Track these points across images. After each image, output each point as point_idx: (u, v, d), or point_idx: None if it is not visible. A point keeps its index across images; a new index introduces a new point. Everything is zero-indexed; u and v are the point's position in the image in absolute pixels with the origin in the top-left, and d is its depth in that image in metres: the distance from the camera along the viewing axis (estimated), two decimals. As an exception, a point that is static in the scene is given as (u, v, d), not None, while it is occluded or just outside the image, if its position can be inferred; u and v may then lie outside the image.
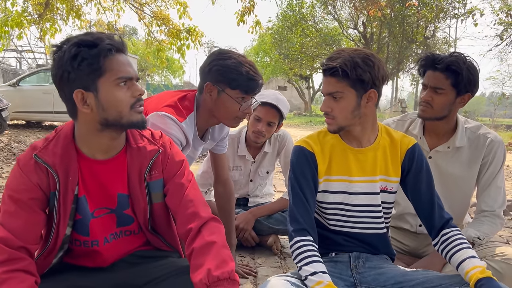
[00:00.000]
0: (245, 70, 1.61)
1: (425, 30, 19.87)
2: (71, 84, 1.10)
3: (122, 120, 1.15)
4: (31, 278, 1.08)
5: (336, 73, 1.31)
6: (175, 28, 8.04)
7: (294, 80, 30.83)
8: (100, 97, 1.12)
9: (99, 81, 1.11)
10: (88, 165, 1.21)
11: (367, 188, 1.44)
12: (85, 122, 1.16)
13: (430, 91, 1.70)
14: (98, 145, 1.21)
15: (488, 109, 42.37)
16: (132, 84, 1.16)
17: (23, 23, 6.74)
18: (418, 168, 1.45)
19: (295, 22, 23.71)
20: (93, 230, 1.26)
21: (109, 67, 1.11)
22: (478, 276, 1.20)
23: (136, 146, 1.26)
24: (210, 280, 1.09)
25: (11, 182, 1.16)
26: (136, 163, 1.26)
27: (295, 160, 1.44)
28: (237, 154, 2.47)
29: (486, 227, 1.72)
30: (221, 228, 1.25)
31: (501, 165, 1.78)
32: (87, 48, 1.09)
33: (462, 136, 1.78)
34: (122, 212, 1.30)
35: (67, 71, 1.09)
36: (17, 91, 9.42)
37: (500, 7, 10.70)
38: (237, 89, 1.61)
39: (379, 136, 1.47)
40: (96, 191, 1.24)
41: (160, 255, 1.40)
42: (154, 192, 1.30)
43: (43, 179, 1.16)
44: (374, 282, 1.37)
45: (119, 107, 1.14)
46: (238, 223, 2.33)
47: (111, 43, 1.12)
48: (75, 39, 1.10)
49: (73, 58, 1.08)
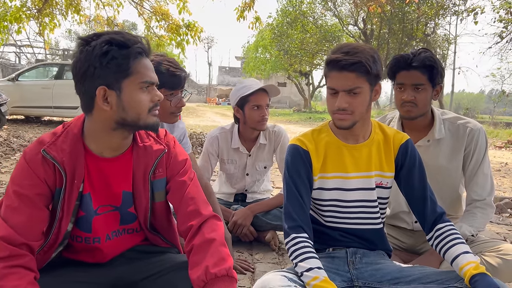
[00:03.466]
0: (165, 68, 1.75)
1: (425, 27, 19.83)
2: (95, 79, 1.10)
3: (139, 122, 1.17)
4: (31, 274, 1.08)
5: (358, 68, 1.30)
6: (174, 24, 8.02)
7: (293, 76, 30.79)
8: (123, 97, 1.13)
9: (124, 81, 1.12)
10: (95, 162, 1.22)
11: (363, 184, 1.45)
12: (101, 119, 1.17)
13: (411, 90, 1.73)
14: (108, 143, 1.21)
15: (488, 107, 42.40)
16: (153, 89, 1.19)
17: (22, 18, 6.72)
18: (411, 163, 1.47)
19: (295, 18, 23.65)
20: (96, 227, 1.26)
21: (136, 70, 1.13)
22: (472, 272, 1.22)
23: (143, 145, 1.28)
24: (208, 277, 1.11)
25: (17, 176, 1.15)
26: (142, 161, 1.27)
27: (290, 159, 1.44)
28: (231, 147, 2.48)
29: (480, 220, 1.74)
30: (220, 226, 1.27)
31: (484, 152, 1.79)
32: (117, 47, 1.10)
33: (440, 128, 1.80)
34: (126, 210, 1.30)
35: (94, 67, 1.09)
36: (16, 86, 9.41)
37: (501, 4, 10.67)
38: (163, 88, 1.66)
39: (373, 132, 1.48)
40: (101, 189, 1.24)
41: (158, 250, 1.40)
42: (157, 191, 1.32)
43: (50, 175, 1.16)
44: (371, 278, 1.38)
45: (139, 109, 1.16)
46: (237, 219, 2.34)
47: (141, 47, 1.14)
48: (106, 36, 1.11)
49: (103, 55, 1.08)
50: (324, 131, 1.49)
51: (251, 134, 2.45)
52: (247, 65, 33.02)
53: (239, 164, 2.52)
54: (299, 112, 27.09)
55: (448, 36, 21.16)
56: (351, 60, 1.29)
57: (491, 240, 1.71)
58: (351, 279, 1.39)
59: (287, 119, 19.67)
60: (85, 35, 1.14)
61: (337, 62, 1.31)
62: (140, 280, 1.31)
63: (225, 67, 51.92)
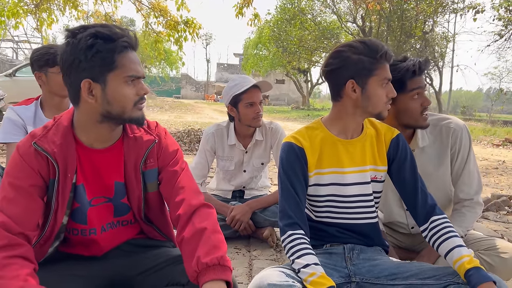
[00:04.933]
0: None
1: (423, 25, 19.82)
2: (80, 72, 1.11)
3: (124, 115, 1.18)
4: (30, 265, 1.09)
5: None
6: (173, 20, 7.99)
7: (292, 73, 30.76)
8: (107, 91, 1.13)
9: (109, 75, 1.12)
10: (86, 153, 1.23)
11: (359, 178, 1.46)
12: (87, 112, 1.18)
13: (424, 95, 1.67)
14: (96, 135, 1.23)
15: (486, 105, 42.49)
16: (139, 82, 1.18)
17: (19, 13, 6.67)
18: (403, 157, 1.48)
19: (293, 15, 23.61)
20: (91, 218, 1.27)
21: (121, 64, 1.13)
22: (466, 266, 1.22)
23: (133, 136, 1.28)
24: (200, 267, 1.09)
25: (11, 169, 1.16)
26: (133, 152, 1.28)
27: (285, 156, 1.44)
28: (227, 144, 2.48)
29: (469, 219, 1.72)
30: (212, 213, 1.25)
31: (468, 149, 1.76)
32: (103, 41, 1.10)
33: (423, 135, 1.76)
34: (119, 201, 1.31)
35: (79, 59, 1.09)
36: (13, 81, 9.36)
37: (500, 2, 10.68)
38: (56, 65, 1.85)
39: (365, 127, 1.50)
40: (94, 180, 1.25)
41: (154, 244, 1.41)
42: (149, 182, 1.32)
43: (44, 166, 1.17)
44: (369, 274, 1.38)
45: (124, 103, 1.16)
46: (235, 214, 2.35)
47: (127, 40, 1.14)
48: (92, 29, 1.11)
49: (88, 48, 1.08)
50: (317, 127, 1.50)
51: (247, 130, 2.45)
52: (246, 62, 33.02)
53: (235, 161, 2.52)
54: (297, 110, 27.09)
55: (447, 34, 21.17)
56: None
57: (488, 238, 1.71)
58: (348, 275, 1.39)
59: (285, 116, 19.66)
60: (72, 28, 1.14)
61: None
62: (137, 275, 1.31)
63: (223, 64, 51.78)
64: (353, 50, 1.37)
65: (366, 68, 1.36)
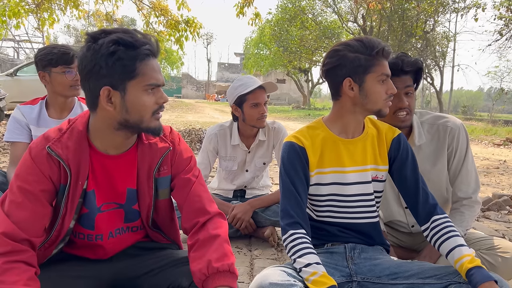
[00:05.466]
0: (57, 49, 2.08)
1: (424, 24, 19.80)
2: (100, 79, 1.09)
3: (142, 124, 1.16)
4: (31, 269, 1.08)
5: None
6: (173, 19, 7.99)
7: (293, 73, 30.74)
8: (127, 99, 1.11)
9: (130, 83, 1.10)
10: (100, 159, 1.22)
11: (360, 178, 1.46)
12: (104, 118, 1.16)
13: (405, 97, 1.66)
14: (111, 141, 1.21)
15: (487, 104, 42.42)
16: (158, 91, 1.16)
17: (21, 13, 6.68)
18: (404, 156, 1.49)
19: (294, 15, 23.59)
20: (99, 224, 1.26)
21: (142, 72, 1.10)
22: (467, 266, 1.23)
23: (148, 143, 1.27)
24: (210, 271, 1.11)
25: (22, 172, 1.14)
26: (147, 159, 1.26)
27: (286, 156, 1.45)
28: (230, 144, 2.48)
29: (468, 218, 1.72)
30: (225, 224, 1.27)
31: (466, 148, 1.76)
32: (125, 48, 1.07)
33: (420, 133, 1.76)
34: (131, 208, 1.30)
35: (99, 66, 1.07)
36: (14, 81, 9.37)
37: (501, 1, 10.66)
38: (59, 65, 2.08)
39: (367, 126, 1.51)
40: (105, 186, 1.24)
41: (159, 246, 1.41)
42: (162, 189, 1.31)
43: (55, 171, 1.15)
44: (370, 273, 1.39)
45: (143, 111, 1.13)
46: (236, 213, 2.35)
47: (149, 48, 1.11)
48: (114, 35, 1.08)
49: (110, 55, 1.06)
50: (318, 127, 1.51)
51: (251, 131, 2.45)
52: (247, 61, 33.00)
53: (238, 161, 2.52)
54: (298, 109, 27.07)
55: (448, 34, 21.16)
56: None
57: (489, 238, 1.71)
58: (350, 274, 1.40)
59: (286, 116, 19.65)
60: (93, 32, 1.11)
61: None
62: (140, 275, 1.31)
63: (224, 63, 51.80)
64: (349, 48, 1.37)
65: (362, 66, 1.36)
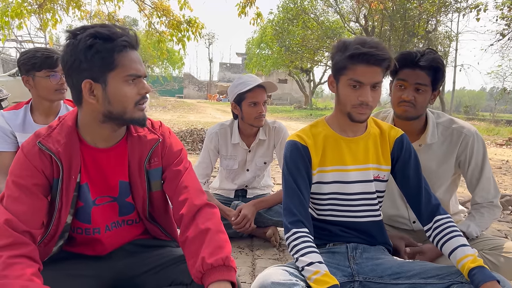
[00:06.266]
0: (41, 53, 2.03)
1: (426, 24, 19.76)
2: (81, 73, 1.12)
3: (125, 115, 1.18)
4: (35, 265, 1.09)
5: (385, 63, 1.32)
6: (175, 20, 7.99)
7: (294, 73, 30.73)
8: (108, 90, 1.14)
9: (109, 75, 1.13)
10: (91, 153, 1.24)
11: (362, 176, 1.46)
12: (89, 112, 1.19)
13: (412, 90, 1.66)
14: (99, 135, 1.24)
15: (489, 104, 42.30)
16: (140, 82, 1.18)
17: (23, 13, 6.69)
18: (407, 156, 1.48)
19: (296, 15, 23.58)
20: (95, 217, 1.28)
21: (121, 63, 1.13)
22: (469, 265, 1.22)
23: (137, 135, 1.29)
24: (205, 268, 1.09)
25: (15, 168, 1.17)
26: (137, 151, 1.29)
27: (289, 155, 1.45)
28: (230, 143, 2.48)
29: (487, 219, 1.75)
30: (215, 213, 1.25)
31: (482, 156, 1.76)
32: (102, 41, 1.10)
33: (433, 133, 1.77)
34: (124, 201, 1.32)
35: (79, 60, 1.10)
36: (17, 81, 9.36)
37: (503, 1, 10.63)
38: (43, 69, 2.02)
39: (369, 126, 1.50)
40: (98, 179, 1.26)
41: (158, 244, 1.41)
42: (154, 181, 1.33)
43: (47, 166, 1.18)
44: (372, 273, 1.38)
45: (125, 102, 1.16)
46: (247, 213, 2.33)
47: (126, 40, 1.14)
48: (91, 29, 1.11)
49: (88, 48, 1.09)
50: (320, 125, 1.51)
51: (250, 130, 2.45)
52: (249, 61, 32.99)
53: (239, 160, 2.52)
54: (299, 109, 27.06)
55: (450, 33, 21.09)
56: (384, 55, 1.30)
57: (492, 238, 1.71)
58: (352, 274, 1.40)
59: (287, 116, 19.65)
60: (73, 29, 1.14)
61: (371, 56, 1.29)
62: (140, 274, 1.32)
63: (226, 64, 51.82)
64: (336, 48, 1.38)
65: (339, 67, 1.36)
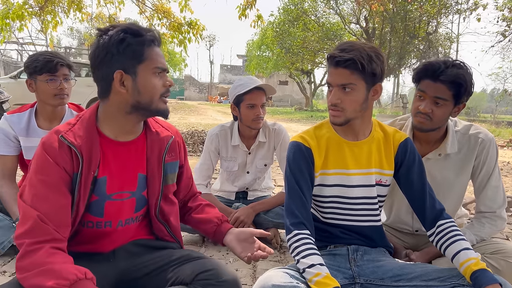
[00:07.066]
0: (43, 56, 2.02)
1: (427, 26, 19.79)
2: (113, 65, 1.19)
3: (151, 105, 1.25)
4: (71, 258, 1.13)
5: (351, 65, 1.31)
6: (176, 22, 8.00)
7: (295, 74, 30.75)
8: (138, 81, 1.21)
9: (139, 66, 1.21)
10: (110, 146, 1.28)
11: (363, 181, 1.46)
12: (117, 103, 1.24)
13: (430, 103, 1.60)
14: (122, 127, 1.29)
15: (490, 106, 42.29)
16: (164, 75, 1.28)
17: (24, 15, 6.70)
18: (411, 161, 1.48)
19: (297, 17, 23.61)
20: (108, 211, 1.30)
21: (149, 56, 1.22)
22: (472, 268, 1.22)
23: (155, 131, 1.38)
24: (223, 219, 1.52)
25: (38, 165, 1.18)
26: (156, 145, 1.37)
27: (292, 156, 1.45)
28: (230, 144, 2.49)
29: (487, 230, 1.72)
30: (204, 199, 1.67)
31: (494, 163, 1.74)
32: (132, 35, 1.19)
33: (453, 142, 1.73)
34: (141, 194, 1.36)
35: (111, 53, 1.18)
36: (18, 83, 9.40)
37: (504, 3, 10.65)
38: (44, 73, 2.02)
39: (373, 130, 1.50)
40: (117, 172, 1.30)
41: (160, 245, 1.42)
42: (170, 173, 1.41)
43: (68, 161, 1.20)
44: (373, 275, 1.38)
45: (153, 93, 1.24)
46: (239, 215, 2.34)
47: (153, 35, 1.25)
48: (121, 26, 1.21)
49: (120, 42, 1.18)
50: (325, 127, 1.51)
51: (250, 132, 2.45)
52: (249, 63, 33.03)
53: (239, 162, 2.52)
54: (300, 111, 27.06)
55: (450, 35, 21.12)
56: (345, 57, 1.32)
57: (494, 242, 1.70)
58: (352, 276, 1.39)
59: (288, 118, 19.65)
60: (103, 27, 1.23)
61: (333, 58, 1.35)
62: (142, 276, 1.32)
63: (227, 65, 51.86)
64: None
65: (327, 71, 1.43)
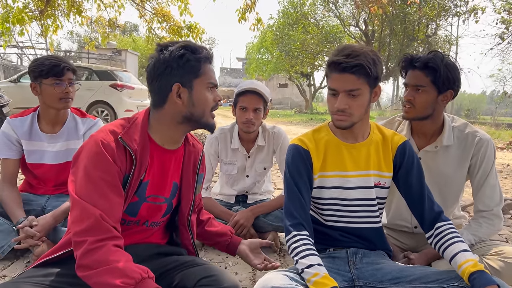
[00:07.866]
0: (49, 61, 2.06)
1: (426, 28, 19.83)
2: (172, 77, 1.27)
3: (202, 118, 1.33)
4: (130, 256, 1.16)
5: (358, 70, 1.32)
6: (176, 25, 8.03)
7: (295, 77, 30.79)
8: (193, 94, 1.30)
9: (195, 81, 1.29)
10: (158, 153, 1.35)
11: (362, 183, 1.47)
12: (171, 113, 1.31)
13: (411, 90, 1.72)
14: (171, 136, 1.36)
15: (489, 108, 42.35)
16: (215, 90, 1.37)
17: (24, 19, 6.72)
18: (410, 163, 1.48)
19: (296, 20, 23.67)
20: (142, 212, 1.36)
21: (204, 72, 1.31)
22: (470, 270, 1.23)
23: (192, 143, 1.48)
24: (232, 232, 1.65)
25: (96, 163, 1.20)
26: (192, 156, 1.46)
27: (291, 158, 1.46)
28: (230, 147, 2.49)
29: (484, 230, 1.74)
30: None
31: (492, 163, 1.78)
32: (191, 52, 1.28)
33: (449, 135, 1.78)
34: (170, 201, 1.42)
35: (171, 67, 1.26)
36: (18, 87, 9.41)
37: (502, 5, 10.68)
38: (49, 77, 2.05)
39: (372, 132, 1.51)
40: (158, 177, 1.37)
41: (165, 251, 1.45)
42: (199, 184, 1.50)
43: (123, 162, 1.25)
44: (372, 278, 1.39)
45: (205, 106, 1.32)
46: (239, 219, 2.35)
47: (209, 53, 1.34)
48: (180, 43, 1.30)
49: (180, 57, 1.26)
50: (323, 130, 1.52)
51: (247, 135, 2.45)
52: (249, 66, 33.07)
53: (238, 165, 2.52)
54: (300, 113, 27.06)
55: (450, 37, 21.16)
56: (352, 62, 1.32)
57: (492, 243, 1.71)
58: (352, 279, 1.40)
59: (288, 120, 19.66)
60: (163, 43, 1.32)
61: (338, 64, 1.34)
62: None
63: (227, 68, 51.88)
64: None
65: (326, 75, 1.44)
